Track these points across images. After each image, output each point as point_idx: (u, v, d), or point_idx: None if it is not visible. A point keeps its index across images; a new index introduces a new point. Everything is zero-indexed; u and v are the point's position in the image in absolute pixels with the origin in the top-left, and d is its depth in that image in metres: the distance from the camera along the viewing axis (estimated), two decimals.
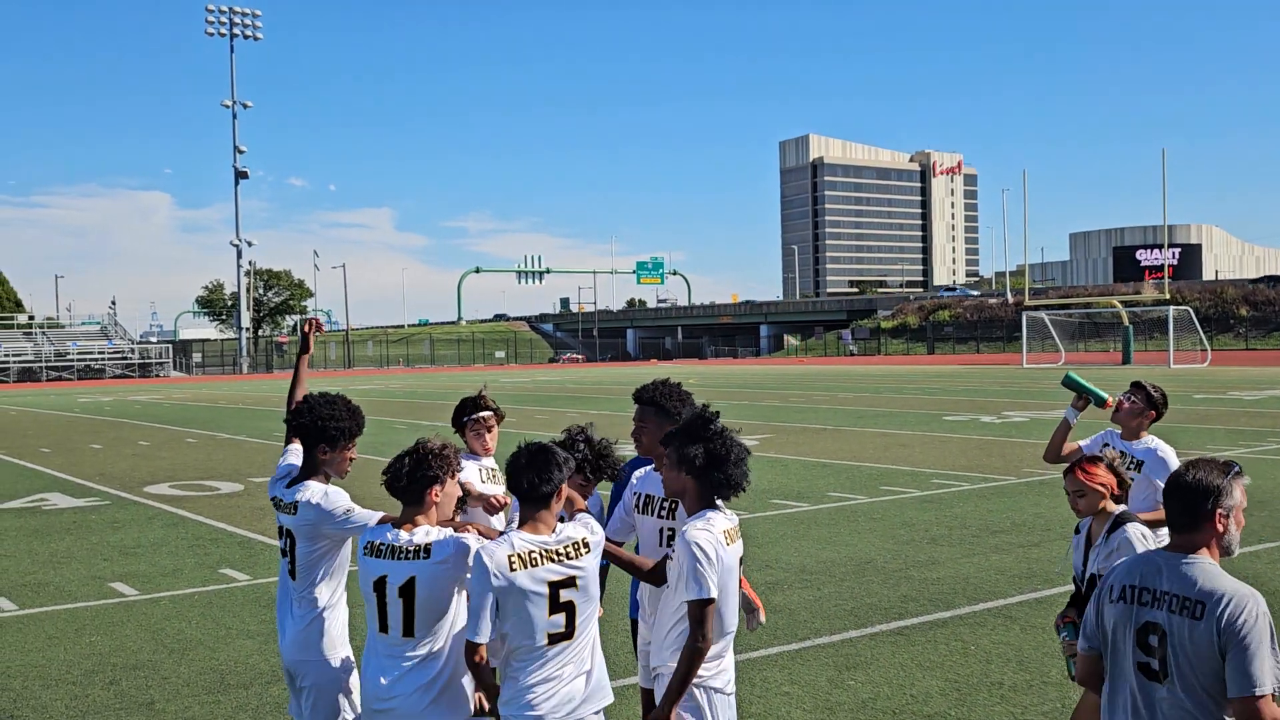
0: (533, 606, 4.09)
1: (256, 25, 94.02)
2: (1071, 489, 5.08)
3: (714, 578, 4.17)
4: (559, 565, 4.14)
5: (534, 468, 4.19)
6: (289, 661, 4.98)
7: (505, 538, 4.16)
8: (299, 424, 5.13)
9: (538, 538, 4.16)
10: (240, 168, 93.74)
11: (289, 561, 4.98)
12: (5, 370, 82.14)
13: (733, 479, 4.35)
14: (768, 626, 8.65)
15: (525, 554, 4.10)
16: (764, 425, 27.23)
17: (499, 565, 4.06)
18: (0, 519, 15.20)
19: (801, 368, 77.19)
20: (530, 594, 4.08)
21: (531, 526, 4.18)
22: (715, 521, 4.32)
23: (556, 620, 4.14)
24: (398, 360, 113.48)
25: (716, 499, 4.41)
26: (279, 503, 5.05)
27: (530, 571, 4.09)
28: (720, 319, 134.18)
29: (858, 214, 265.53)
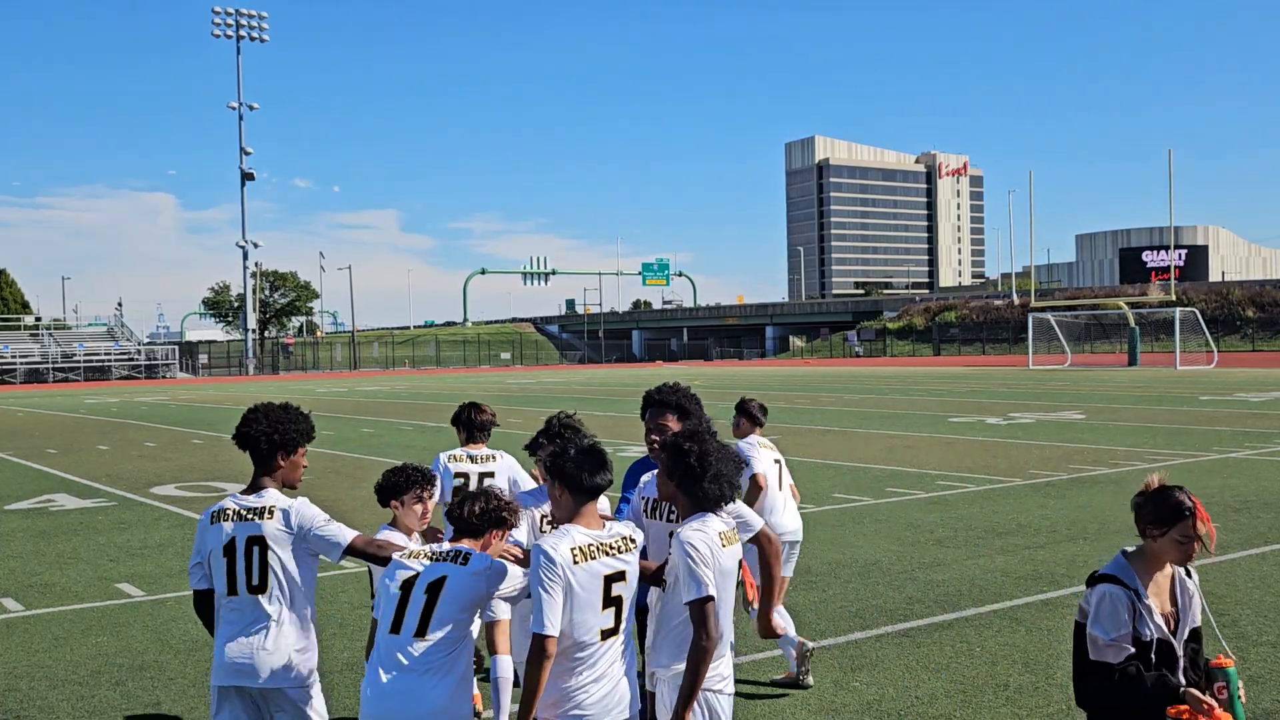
0: (590, 600, 4.13)
1: (263, 27, 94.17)
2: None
3: (710, 575, 4.22)
4: (612, 559, 4.21)
5: (588, 462, 4.25)
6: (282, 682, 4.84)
7: (564, 530, 4.20)
8: (252, 433, 4.97)
9: (592, 531, 4.22)
10: (246, 169, 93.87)
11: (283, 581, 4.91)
12: (12, 371, 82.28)
13: (709, 494, 4.41)
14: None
15: (585, 547, 4.15)
16: (770, 427, 27.18)
17: (564, 557, 4.09)
18: (7, 520, 15.23)
19: (807, 369, 77.16)
20: (589, 587, 4.12)
21: (585, 521, 4.24)
22: (711, 524, 4.38)
23: (608, 615, 4.18)
24: (403, 361, 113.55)
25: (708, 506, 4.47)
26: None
27: (588, 565, 4.14)
28: (726, 320, 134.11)
29: (863, 215, 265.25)
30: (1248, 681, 7.13)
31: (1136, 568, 4.30)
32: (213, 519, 4.90)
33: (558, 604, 4.05)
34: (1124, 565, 4.33)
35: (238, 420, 5.09)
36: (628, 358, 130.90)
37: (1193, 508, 4.18)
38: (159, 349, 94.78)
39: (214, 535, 4.86)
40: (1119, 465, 18.20)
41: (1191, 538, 4.18)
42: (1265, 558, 10.86)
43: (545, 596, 4.05)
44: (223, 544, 4.83)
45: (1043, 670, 7.51)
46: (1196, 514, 4.19)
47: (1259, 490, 15.04)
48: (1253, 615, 8.70)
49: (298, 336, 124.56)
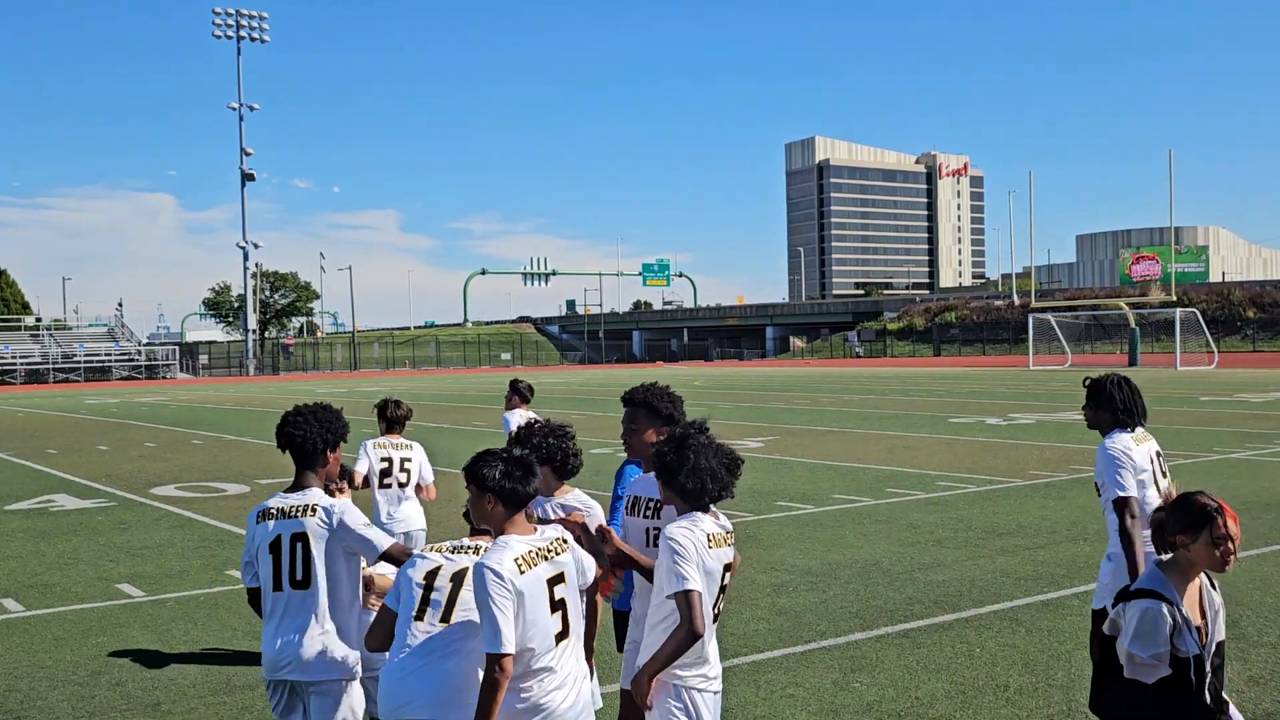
0: (539, 607, 4.14)
1: (263, 28, 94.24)
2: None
3: (693, 570, 4.25)
4: (550, 563, 4.22)
5: (517, 473, 4.26)
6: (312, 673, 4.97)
7: (502, 543, 4.18)
8: (304, 435, 5.12)
9: (528, 538, 4.24)
10: (247, 170, 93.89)
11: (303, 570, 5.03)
12: (13, 372, 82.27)
13: (689, 489, 4.43)
14: (773, 629, 8.66)
15: (525, 555, 4.16)
16: (769, 427, 27.22)
17: (510, 570, 4.07)
18: (7, 520, 15.24)
19: (807, 369, 77.16)
20: (536, 595, 4.13)
21: (518, 529, 4.26)
22: (701, 523, 4.41)
23: (556, 619, 4.20)
24: (404, 362, 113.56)
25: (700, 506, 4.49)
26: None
27: (532, 572, 4.14)
28: (726, 321, 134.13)
29: (863, 216, 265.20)
30: (1249, 683, 7.13)
31: (1172, 579, 4.17)
32: (259, 518, 5.06)
33: (511, 619, 4.03)
34: (1160, 578, 4.19)
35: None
36: (628, 358, 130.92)
37: (1218, 507, 4.11)
38: (159, 349, 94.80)
39: (261, 533, 5.02)
40: None
41: (1224, 538, 4.09)
42: (1266, 558, 10.86)
43: (498, 614, 4.01)
44: (269, 541, 5.00)
45: (1043, 671, 7.51)
46: (1224, 512, 4.11)
47: (1259, 491, 15.04)
48: (1253, 616, 8.70)
49: (298, 337, 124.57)
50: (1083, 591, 9.66)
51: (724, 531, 4.50)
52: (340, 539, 4.99)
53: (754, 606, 9.37)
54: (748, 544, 12.16)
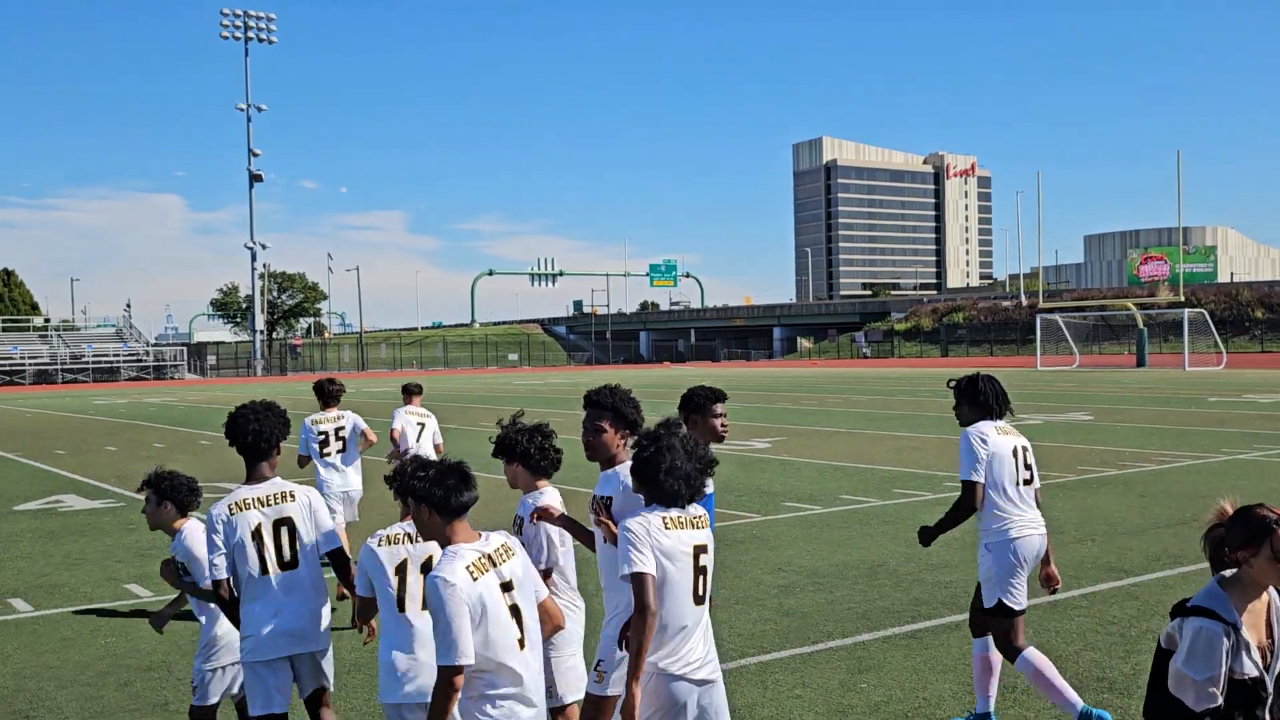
0: (498, 614, 4.08)
1: (271, 29, 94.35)
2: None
3: (645, 553, 4.29)
4: (500, 568, 4.19)
5: (449, 482, 4.24)
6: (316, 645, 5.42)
7: (452, 553, 4.13)
8: (262, 430, 5.67)
9: (475, 545, 4.21)
10: (254, 171, 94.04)
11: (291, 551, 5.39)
12: (21, 372, 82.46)
13: (665, 490, 4.48)
14: (780, 629, 8.66)
15: (476, 562, 4.11)
16: (776, 428, 27.21)
17: (463, 579, 4.01)
18: (16, 520, 15.28)
19: (814, 370, 77.12)
20: (493, 601, 4.08)
21: (462, 537, 4.22)
22: (658, 511, 4.46)
23: (513, 626, 4.15)
24: (411, 362, 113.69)
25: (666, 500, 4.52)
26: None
27: (484, 578, 4.09)
28: (733, 321, 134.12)
29: (871, 216, 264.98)
30: None
31: (1233, 598, 3.97)
32: (232, 510, 5.33)
33: (467, 630, 3.95)
34: (1220, 596, 3.99)
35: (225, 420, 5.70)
36: (635, 359, 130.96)
37: (1278, 518, 3.91)
38: (167, 350, 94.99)
39: (241, 523, 5.30)
40: (1127, 466, 18.17)
41: None
42: None
43: (454, 625, 3.92)
44: (250, 530, 5.28)
45: None
46: None
47: (1267, 492, 15.00)
48: None
49: (306, 337, 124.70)
50: (1090, 593, 9.64)
51: (689, 516, 4.53)
52: (315, 522, 5.44)
53: (761, 607, 9.37)
54: (754, 545, 12.16)
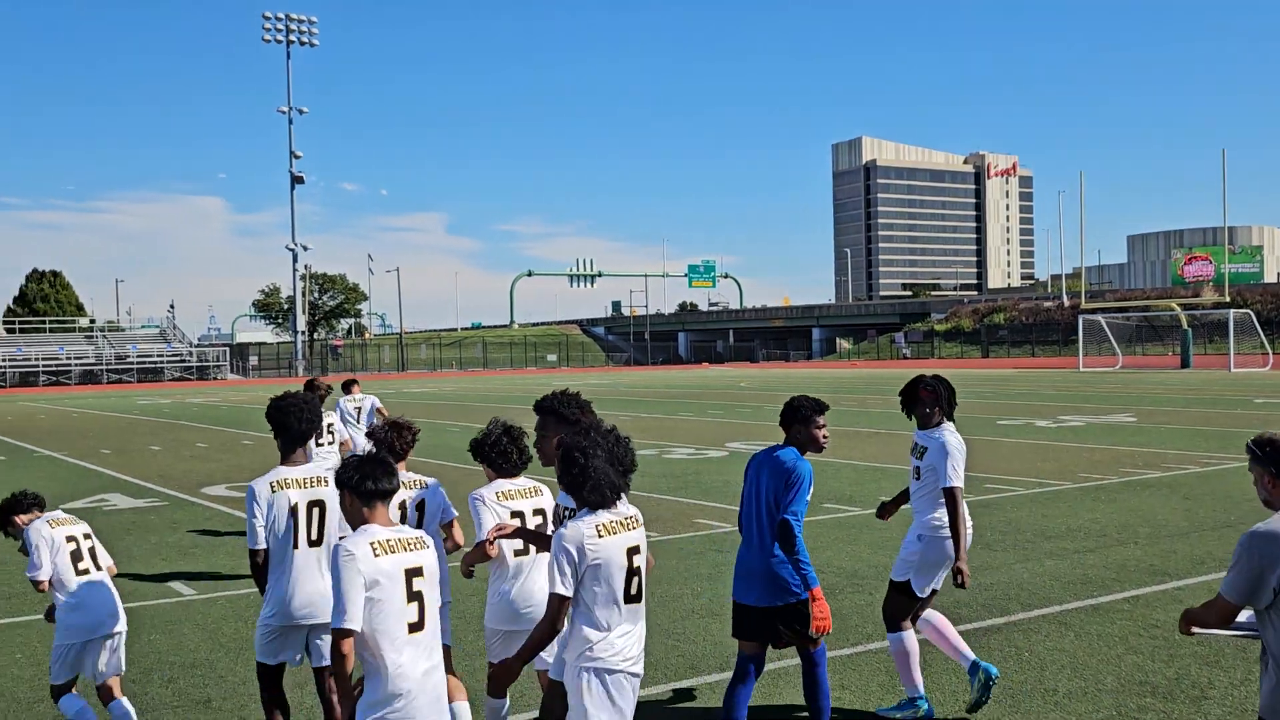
0: (394, 594, 4.35)
1: (313, 32, 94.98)
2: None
3: (569, 572, 4.47)
4: (410, 554, 4.46)
5: (369, 470, 4.54)
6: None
7: (363, 529, 4.45)
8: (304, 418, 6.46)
9: (388, 529, 4.51)
10: (295, 172, 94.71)
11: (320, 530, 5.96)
12: (67, 372, 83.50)
13: (590, 500, 4.60)
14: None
15: (384, 541, 4.41)
16: None
17: (364, 551, 4.32)
18: None
19: (854, 371, 76.80)
20: (392, 578, 4.35)
21: (379, 521, 4.52)
22: (591, 518, 4.58)
23: (412, 610, 4.41)
24: (451, 363, 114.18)
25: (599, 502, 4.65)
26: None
27: (388, 558, 4.37)
28: (772, 322, 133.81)
29: (911, 216, 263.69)
30: None
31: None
32: (273, 488, 5.87)
33: (359, 598, 4.25)
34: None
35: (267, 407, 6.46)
36: (674, 360, 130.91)
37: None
38: (210, 350, 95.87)
39: (281, 500, 5.83)
40: (1170, 469, 17.98)
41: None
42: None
43: (347, 591, 4.24)
44: (288, 508, 5.82)
45: (1092, 676, 7.43)
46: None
47: None
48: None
49: (346, 338, 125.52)
50: (1133, 595, 9.56)
51: (621, 518, 4.64)
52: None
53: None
54: None
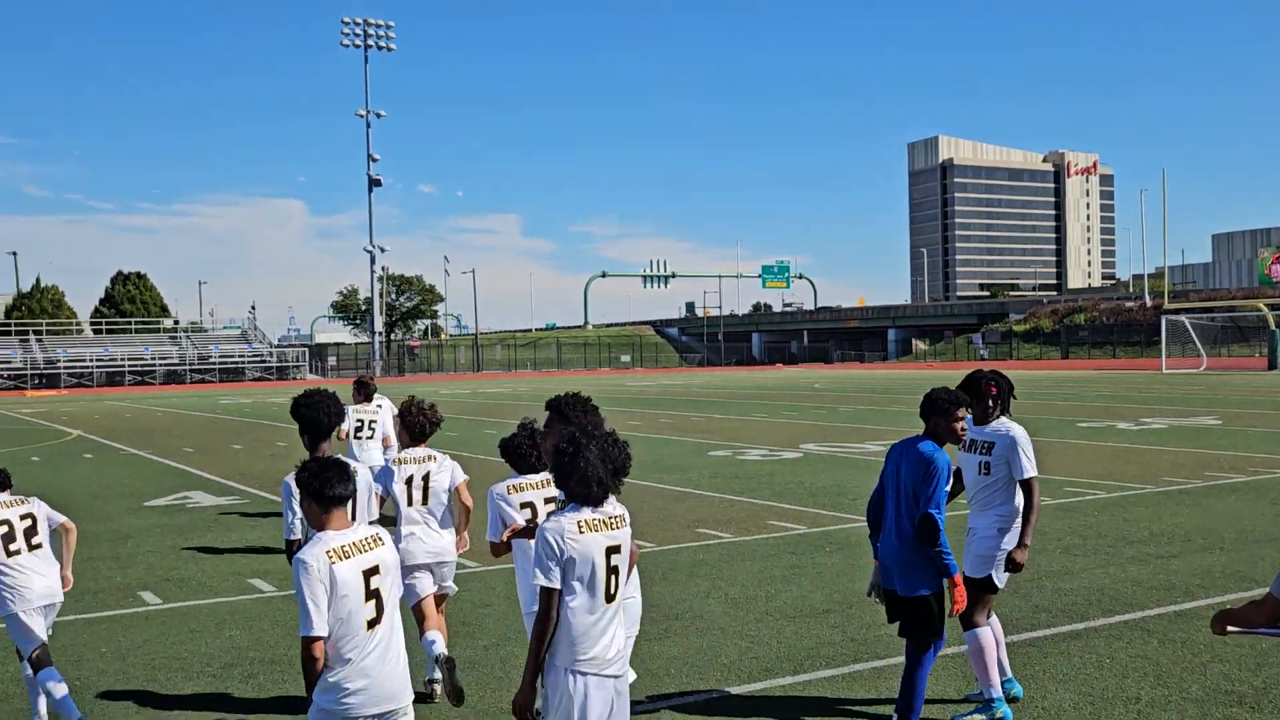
0: (353, 595, 4.59)
1: (390, 36, 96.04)
2: None
3: (554, 566, 4.56)
4: (365, 555, 4.70)
5: (328, 475, 4.75)
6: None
7: (316, 538, 4.66)
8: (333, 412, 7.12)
9: (343, 533, 4.72)
10: (373, 175, 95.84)
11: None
12: (152, 372, 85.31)
13: (575, 492, 4.70)
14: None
15: (339, 548, 4.64)
16: (892, 430, 26.89)
17: (320, 561, 4.56)
18: (146, 516, 15.79)
19: (930, 372, 76.03)
20: (350, 583, 4.59)
21: (335, 524, 4.73)
22: (573, 514, 4.67)
23: (370, 607, 4.65)
24: (525, 364, 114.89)
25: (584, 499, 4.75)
26: None
27: (345, 563, 4.61)
28: (847, 322, 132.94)
29: (988, 215, 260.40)
30: None
31: None
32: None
33: (322, 605, 4.51)
34: None
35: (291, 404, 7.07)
36: (747, 360, 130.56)
37: None
38: (290, 351, 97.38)
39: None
40: (1257, 473, 17.57)
41: None
42: None
43: (309, 602, 4.50)
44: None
45: (1175, 684, 7.28)
46: None
47: None
48: None
49: (423, 339, 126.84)
50: (1218, 602, 9.34)
51: (604, 517, 4.71)
52: (369, 495, 6.70)
53: (876, 613, 9.26)
54: (868, 549, 11.99)
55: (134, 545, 13.41)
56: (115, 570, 11.92)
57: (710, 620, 9.15)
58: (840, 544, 12.31)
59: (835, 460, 20.69)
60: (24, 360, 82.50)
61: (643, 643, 8.46)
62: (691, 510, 15.07)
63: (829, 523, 13.73)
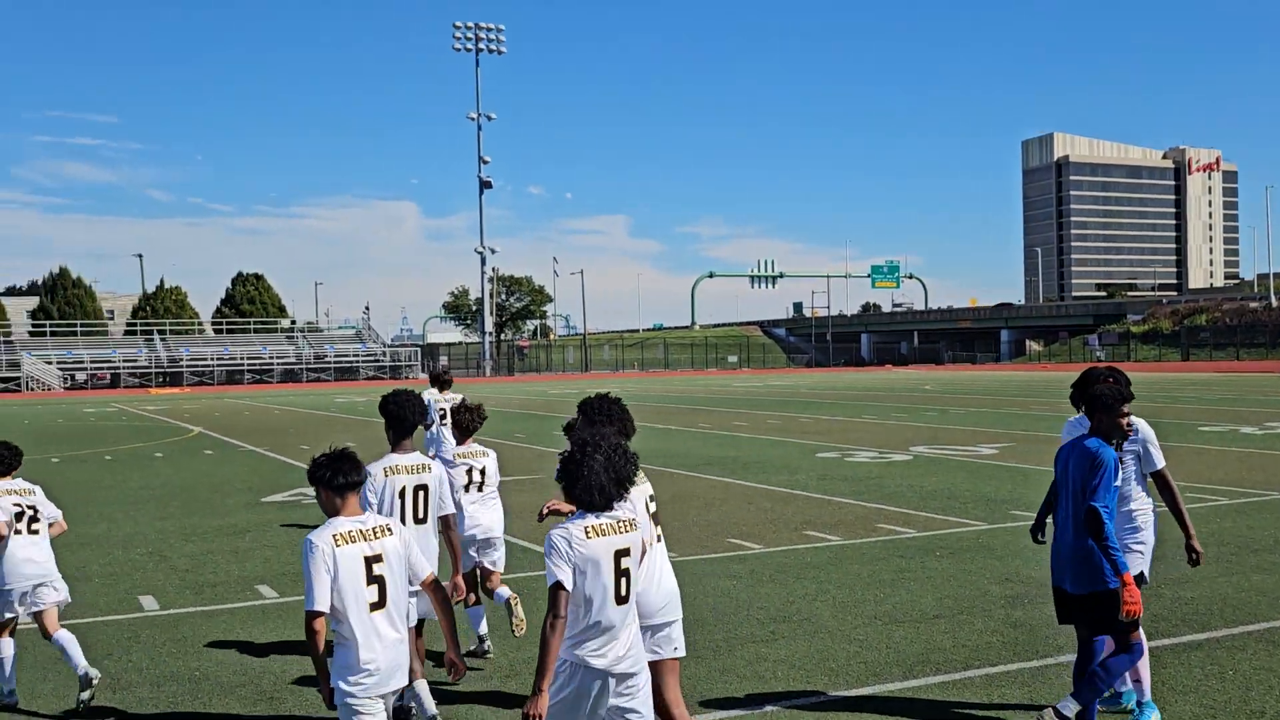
0: (355, 578, 4.92)
1: (500, 40, 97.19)
2: None
3: (563, 565, 4.72)
4: (369, 543, 5.02)
5: (339, 465, 5.13)
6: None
7: (328, 523, 5.02)
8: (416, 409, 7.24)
9: (353, 519, 5.07)
10: (484, 178, 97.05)
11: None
12: (270, 371, 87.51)
13: (580, 499, 4.89)
14: (1007, 641, 8.40)
15: (345, 533, 4.99)
16: (1005, 434, 26.42)
17: (326, 543, 4.92)
18: (264, 511, 16.19)
19: (1045, 374, 74.53)
20: (352, 567, 4.92)
21: (347, 511, 5.09)
22: (581, 520, 4.85)
23: (372, 591, 4.97)
24: (633, 364, 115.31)
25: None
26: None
27: (348, 548, 4.95)
28: (958, 323, 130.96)
29: (1105, 214, 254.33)
30: None
31: None
32: (387, 472, 6.89)
33: (325, 584, 4.85)
34: None
35: (380, 400, 7.36)
36: (856, 361, 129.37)
37: None
38: (403, 350, 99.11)
39: (392, 484, 6.87)
40: None
41: None
42: None
43: (314, 578, 4.85)
44: (398, 490, 6.85)
45: None
46: None
47: None
48: None
49: (532, 339, 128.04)
50: None
51: (613, 522, 4.88)
52: (442, 490, 7.03)
53: (988, 618, 9.11)
54: (980, 554, 11.83)
55: (252, 540, 13.75)
56: (234, 564, 12.23)
57: (818, 623, 9.08)
58: (951, 549, 12.12)
59: (947, 463, 20.38)
60: (149, 359, 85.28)
61: (749, 644, 8.45)
62: (799, 512, 14.97)
63: (939, 527, 13.53)
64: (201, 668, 8.16)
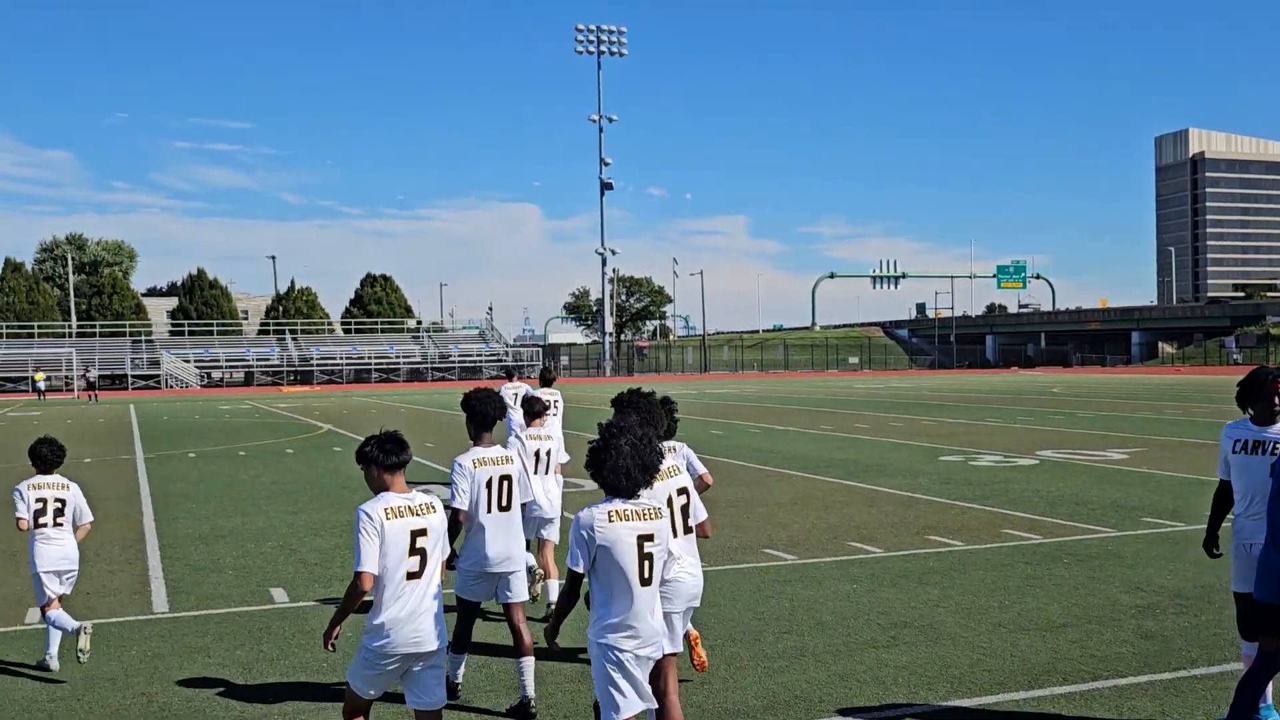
0: (399, 549, 5.38)
1: (622, 42, 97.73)
2: None
3: (583, 550, 5.06)
4: (417, 518, 5.49)
5: (386, 446, 5.56)
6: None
7: (380, 496, 5.48)
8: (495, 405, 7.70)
9: (402, 496, 5.52)
10: (605, 179, 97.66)
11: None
12: (396, 370, 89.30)
13: (608, 482, 5.19)
14: (1138, 652, 8.17)
15: (396, 507, 5.45)
16: (1135, 438, 25.71)
17: (379, 515, 5.39)
18: None
19: (1178, 377, 72.30)
20: (398, 539, 5.39)
21: (395, 488, 5.53)
22: (605, 504, 5.14)
23: (413, 562, 5.44)
24: (752, 365, 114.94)
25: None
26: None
27: (397, 521, 5.41)
28: (1087, 325, 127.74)
29: (1244, 212, 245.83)
30: None
31: None
32: (474, 464, 7.37)
33: (373, 549, 5.32)
34: None
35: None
36: (980, 363, 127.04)
37: None
38: (524, 350, 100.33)
39: (480, 475, 7.34)
40: None
41: None
42: None
43: (363, 543, 5.32)
44: (485, 480, 7.32)
45: None
46: None
47: None
48: None
49: (651, 339, 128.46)
50: None
51: (638, 508, 5.16)
52: (525, 480, 7.53)
53: (1117, 628, 8.88)
54: (1109, 561, 11.53)
55: None
56: None
57: (941, 629, 8.94)
58: (1079, 556, 11.83)
59: (1074, 468, 19.91)
60: (281, 358, 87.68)
61: (870, 649, 8.36)
62: (921, 516, 14.77)
63: (1066, 533, 13.21)
64: (330, 660, 8.35)
